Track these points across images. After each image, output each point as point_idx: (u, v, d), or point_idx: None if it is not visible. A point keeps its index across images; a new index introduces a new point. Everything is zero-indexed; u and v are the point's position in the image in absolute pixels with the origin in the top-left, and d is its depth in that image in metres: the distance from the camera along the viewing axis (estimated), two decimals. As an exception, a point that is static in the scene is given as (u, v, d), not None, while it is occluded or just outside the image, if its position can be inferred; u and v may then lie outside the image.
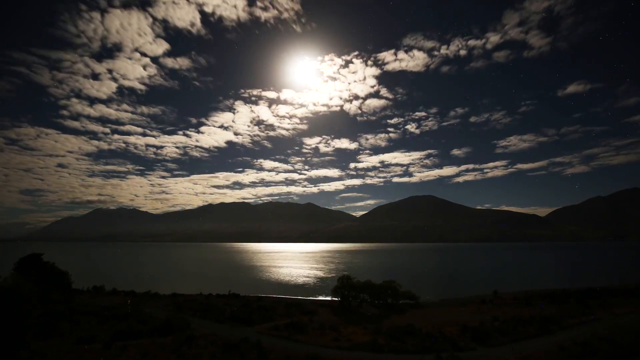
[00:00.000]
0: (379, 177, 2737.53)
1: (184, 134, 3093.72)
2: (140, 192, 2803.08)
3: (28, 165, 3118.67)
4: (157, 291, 63.23)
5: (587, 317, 40.14)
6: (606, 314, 41.52)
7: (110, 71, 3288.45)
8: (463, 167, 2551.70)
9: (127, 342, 27.49)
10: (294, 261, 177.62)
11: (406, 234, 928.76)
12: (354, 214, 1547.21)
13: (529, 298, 57.57)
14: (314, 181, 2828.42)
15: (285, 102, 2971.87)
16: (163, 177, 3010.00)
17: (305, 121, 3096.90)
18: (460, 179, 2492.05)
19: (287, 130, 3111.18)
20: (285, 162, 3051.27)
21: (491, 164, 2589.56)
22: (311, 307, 49.07)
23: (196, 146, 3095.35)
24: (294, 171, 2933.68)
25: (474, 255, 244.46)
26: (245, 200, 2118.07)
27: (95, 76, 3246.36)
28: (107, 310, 41.49)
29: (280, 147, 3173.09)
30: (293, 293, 71.97)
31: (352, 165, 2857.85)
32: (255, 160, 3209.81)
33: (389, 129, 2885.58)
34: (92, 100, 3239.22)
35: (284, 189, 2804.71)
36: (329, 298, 59.50)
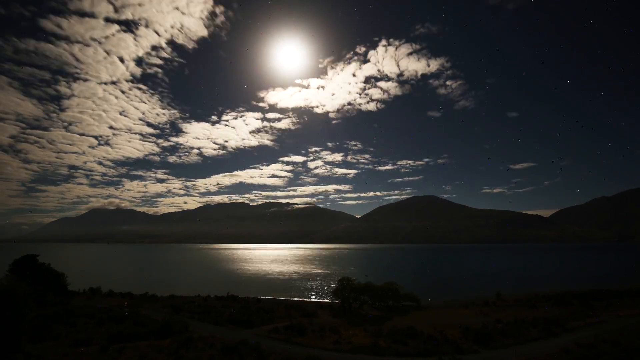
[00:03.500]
0: (381, 179, 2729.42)
1: (183, 136, 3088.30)
2: (138, 192, 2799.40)
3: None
4: (154, 293, 63.07)
5: (591, 319, 39.65)
6: (611, 316, 41.02)
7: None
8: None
9: (124, 345, 27.10)
10: (293, 262, 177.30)
11: (407, 234, 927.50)
12: (354, 215, 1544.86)
13: (532, 300, 57.27)
14: (315, 182, 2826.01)
15: (285, 102, 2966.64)
16: (162, 178, 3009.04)
17: (308, 121, 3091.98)
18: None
19: (288, 130, 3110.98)
20: (285, 162, 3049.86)
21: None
22: (311, 309, 48.68)
23: (195, 148, 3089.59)
24: (294, 171, 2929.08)
25: (476, 256, 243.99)
26: (245, 201, 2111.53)
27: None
28: (104, 312, 41.16)
29: (280, 147, 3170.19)
30: (293, 295, 71.61)
31: (353, 165, 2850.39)
32: (254, 160, 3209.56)
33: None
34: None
35: (284, 189, 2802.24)
36: (329, 300, 59.14)
